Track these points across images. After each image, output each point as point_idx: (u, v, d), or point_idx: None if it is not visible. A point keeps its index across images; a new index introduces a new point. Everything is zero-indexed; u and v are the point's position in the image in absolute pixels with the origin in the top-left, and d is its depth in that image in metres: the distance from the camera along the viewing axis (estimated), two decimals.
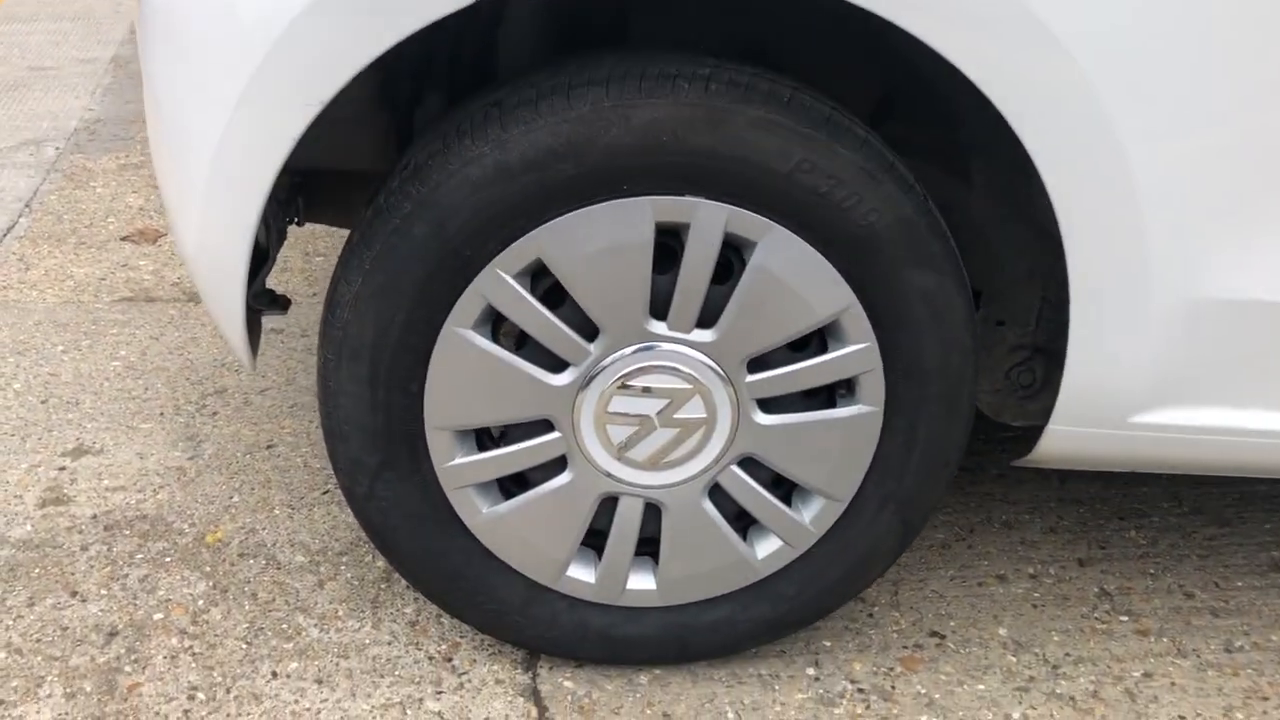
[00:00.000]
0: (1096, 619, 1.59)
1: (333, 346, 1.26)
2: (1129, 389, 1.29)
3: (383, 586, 1.58)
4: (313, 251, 2.57)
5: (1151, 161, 1.16)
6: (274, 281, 2.40)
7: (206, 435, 1.89)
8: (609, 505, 1.35)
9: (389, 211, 1.20)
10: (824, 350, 1.29)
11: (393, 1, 1.08)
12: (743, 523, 1.39)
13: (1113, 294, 1.23)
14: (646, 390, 1.27)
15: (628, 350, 1.26)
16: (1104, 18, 1.11)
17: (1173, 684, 1.48)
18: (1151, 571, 1.69)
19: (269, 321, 2.25)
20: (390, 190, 1.21)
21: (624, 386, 1.27)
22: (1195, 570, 1.70)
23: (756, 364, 1.28)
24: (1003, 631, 1.56)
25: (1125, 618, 1.60)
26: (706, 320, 1.25)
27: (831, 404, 1.32)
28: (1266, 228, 1.21)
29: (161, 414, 1.95)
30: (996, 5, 1.10)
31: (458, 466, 1.31)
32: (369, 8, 1.08)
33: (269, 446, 1.88)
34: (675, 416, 1.29)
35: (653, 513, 1.36)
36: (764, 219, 1.20)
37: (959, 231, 1.31)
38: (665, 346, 1.26)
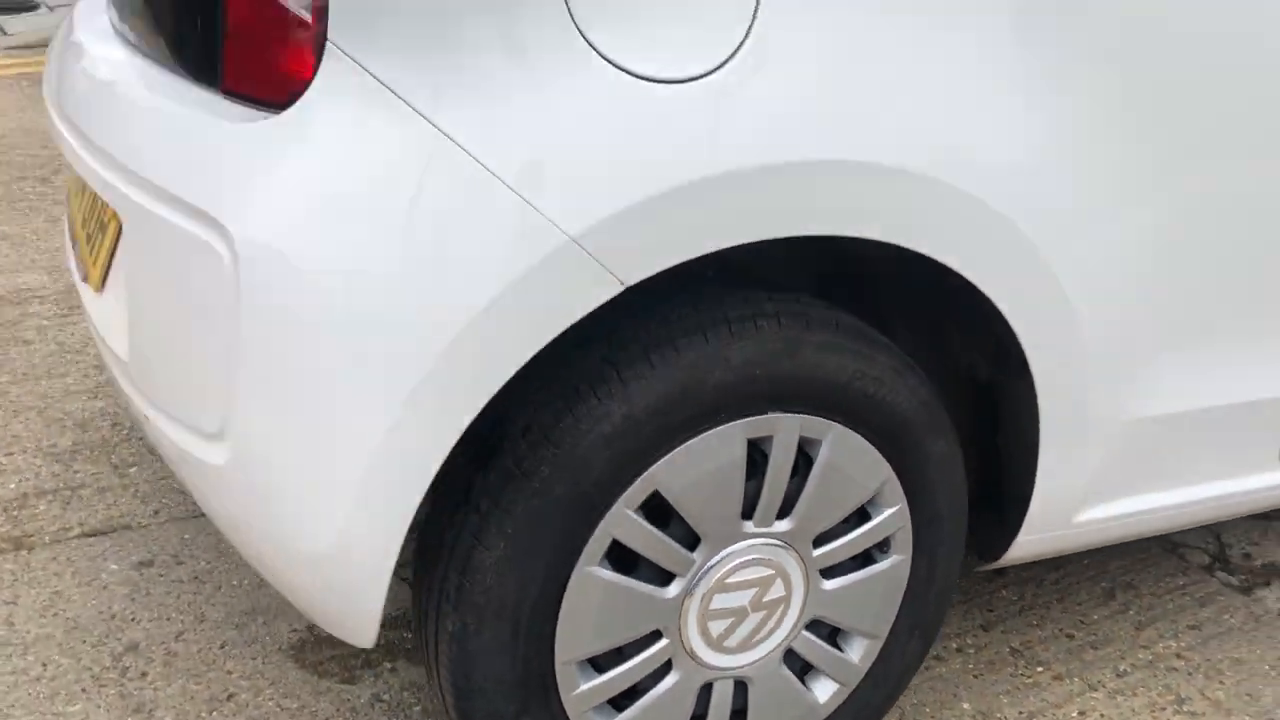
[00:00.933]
0: (1023, 675, 1.93)
1: (473, 612, 1.30)
2: (1078, 496, 1.63)
3: None
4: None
5: (1094, 326, 1.50)
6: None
7: (153, 701, 1.77)
8: (705, 691, 1.49)
9: (527, 476, 1.27)
10: (865, 516, 1.51)
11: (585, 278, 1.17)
12: (803, 673, 1.57)
13: (1070, 428, 1.56)
14: (741, 584, 1.43)
15: (725, 552, 1.41)
16: (1059, 216, 1.42)
17: (1102, 716, 1.85)
18: (1035, 622, 2.07)
19: (134, 555, 2.10)
20: (520, 455, 1.28)
21: (723, 585, 1.42)
22: (1062, 613, 2.10)
23: (819, 539, 1.48)
24: (966, 706, 1.85)
25: (1040, 668, 1.95)
26: (783, 511, 1.43)
27: (871, 559, 1.55)
28: (1168, 365, 1.59)
29: (83, 690, 1.78)
30: (1000, 244, 1.38)
31: (582, 694, 1.39)
32: (548, 301, 1.17)
33: (229, 697, 1.78)
34: (763, 600, 1.46)
35: (739, 688, 1.51)
36: (829, 421, 1.41)
37: None
38: (755, 542, 1.42)
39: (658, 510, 1.37)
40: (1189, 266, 1.55)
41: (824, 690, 1.58)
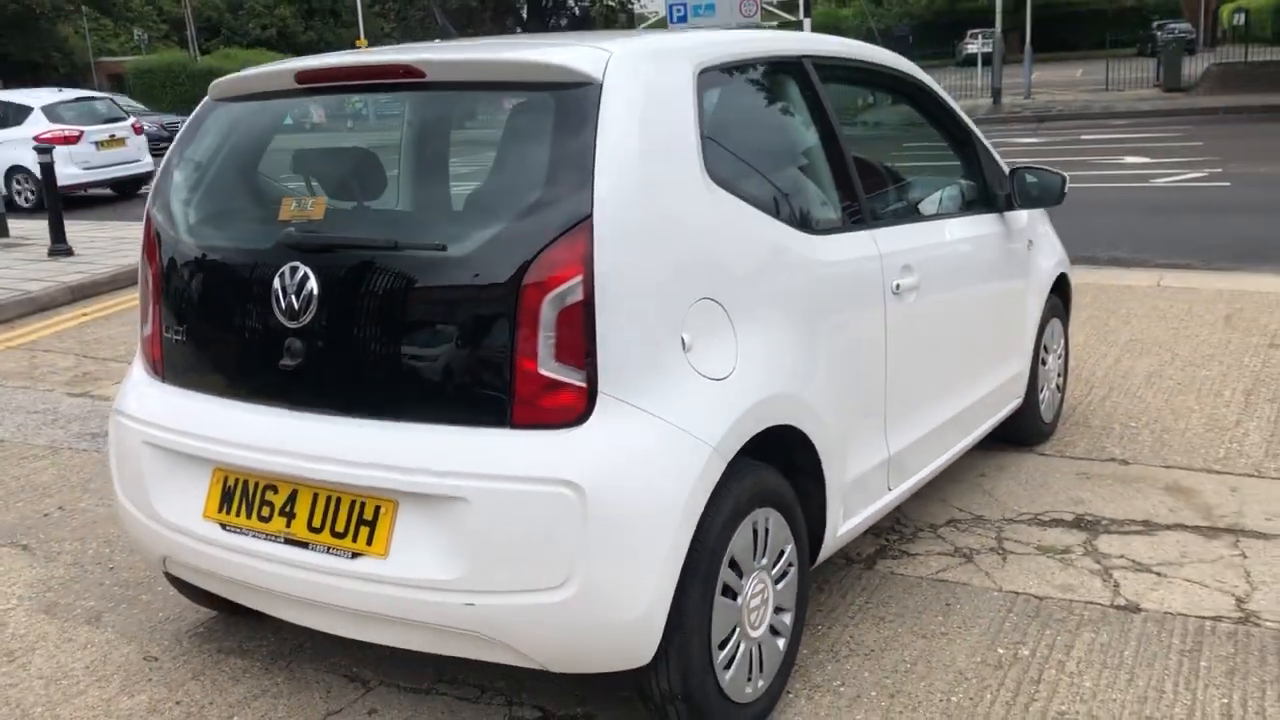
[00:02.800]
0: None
1: (683, 632, 2.81)
2: (840, 523, 3.50)
3: None
4: None
5: (835, 444, 3.39)
6: None
7: None
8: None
9: (695, 557, 2.84)
10: (782, 551, 3.23)
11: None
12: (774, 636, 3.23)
13: (836, 493, 3.43)
14: (757, 593, 3.08)
15: (751, 577, 3.05)
16: (817, 394, 3.30)
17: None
18: (820, 628, 3.88)
19: None
20: (691, 550, 2.84)
21: (752, 595, 3.06)
22: (816, 611, 3.93)
23: (773, 565, 3.17)
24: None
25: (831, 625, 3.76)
26: (765, 554, 3.11)
27: (787, 573, 3.26)
28: (863, 451, 3.55)
29: None
30: (811, 414, 3.22)
31: (719, 663, 2.95)
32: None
33: None
34: (764, 600, 3.11)
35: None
36: (773, 509, 3.13)
37: None
38: (758, 571, 3.08)
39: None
40: (845, 401, 3.53)
41: (781, 643, 3.26)
